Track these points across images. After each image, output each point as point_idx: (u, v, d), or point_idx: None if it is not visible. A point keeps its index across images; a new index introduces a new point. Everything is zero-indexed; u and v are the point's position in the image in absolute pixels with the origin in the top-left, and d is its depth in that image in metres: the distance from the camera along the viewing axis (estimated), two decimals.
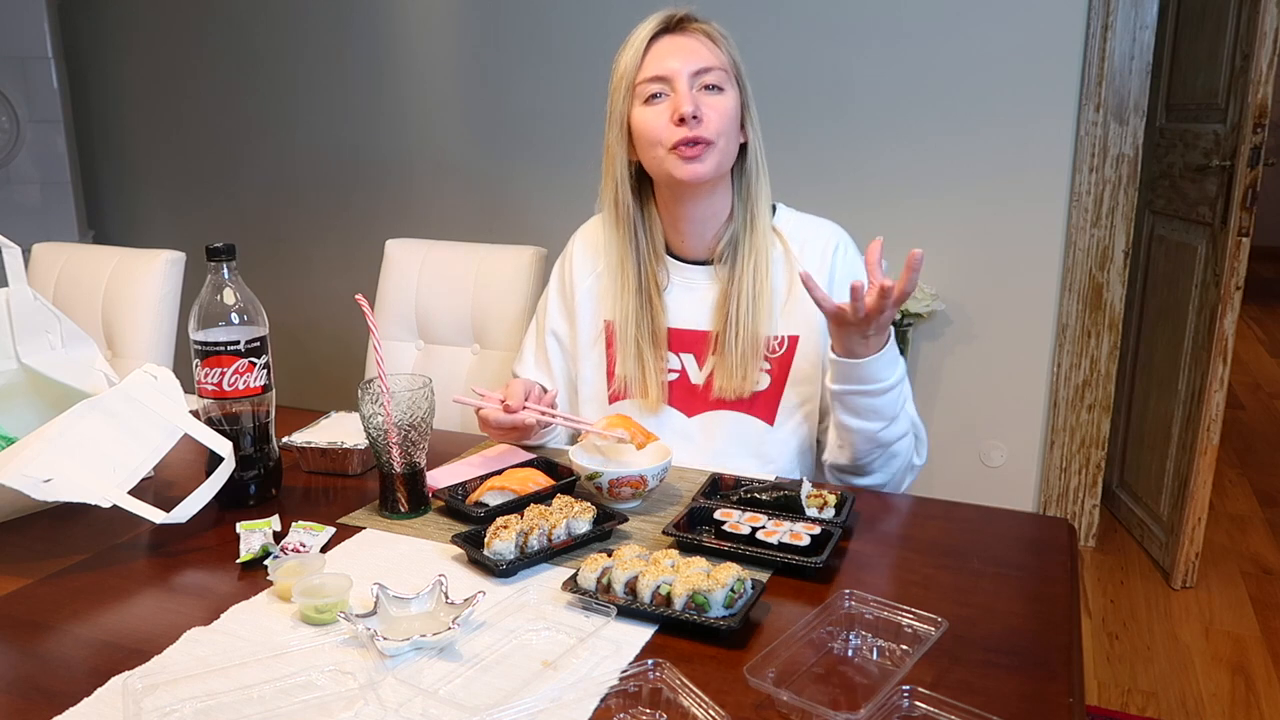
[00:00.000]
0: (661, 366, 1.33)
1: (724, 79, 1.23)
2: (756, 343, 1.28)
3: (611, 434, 1.16)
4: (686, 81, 1.21)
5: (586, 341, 1.39)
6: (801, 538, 0.97)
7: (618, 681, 0.74)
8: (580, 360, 1.39)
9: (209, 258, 1.09)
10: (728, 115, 1.22)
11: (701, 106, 1.20)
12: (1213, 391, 2.36)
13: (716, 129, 1.22)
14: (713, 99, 1.22)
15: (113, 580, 0.95)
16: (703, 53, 1.23)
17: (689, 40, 1.24)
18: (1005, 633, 0.85)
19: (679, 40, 1.24)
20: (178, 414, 1.08)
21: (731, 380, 1.29)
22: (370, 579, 0.87)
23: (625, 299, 1.32)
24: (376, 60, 3.07)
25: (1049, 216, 2.49)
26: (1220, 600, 2.47)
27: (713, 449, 1.31)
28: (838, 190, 2.63)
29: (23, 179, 3.23)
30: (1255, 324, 5.58)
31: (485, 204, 3.04)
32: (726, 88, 1.23)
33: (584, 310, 1.39)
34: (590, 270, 1.39)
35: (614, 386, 1.35)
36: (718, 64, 1.23)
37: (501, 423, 1.22)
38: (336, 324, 3.29)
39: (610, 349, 1.36)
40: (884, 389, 1.17)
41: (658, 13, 1.25)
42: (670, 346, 1.33)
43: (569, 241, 1.45)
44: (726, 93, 1.23)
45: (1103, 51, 2.35)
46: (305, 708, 0.73)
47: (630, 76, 1.24)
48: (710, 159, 1.22)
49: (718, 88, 1.23)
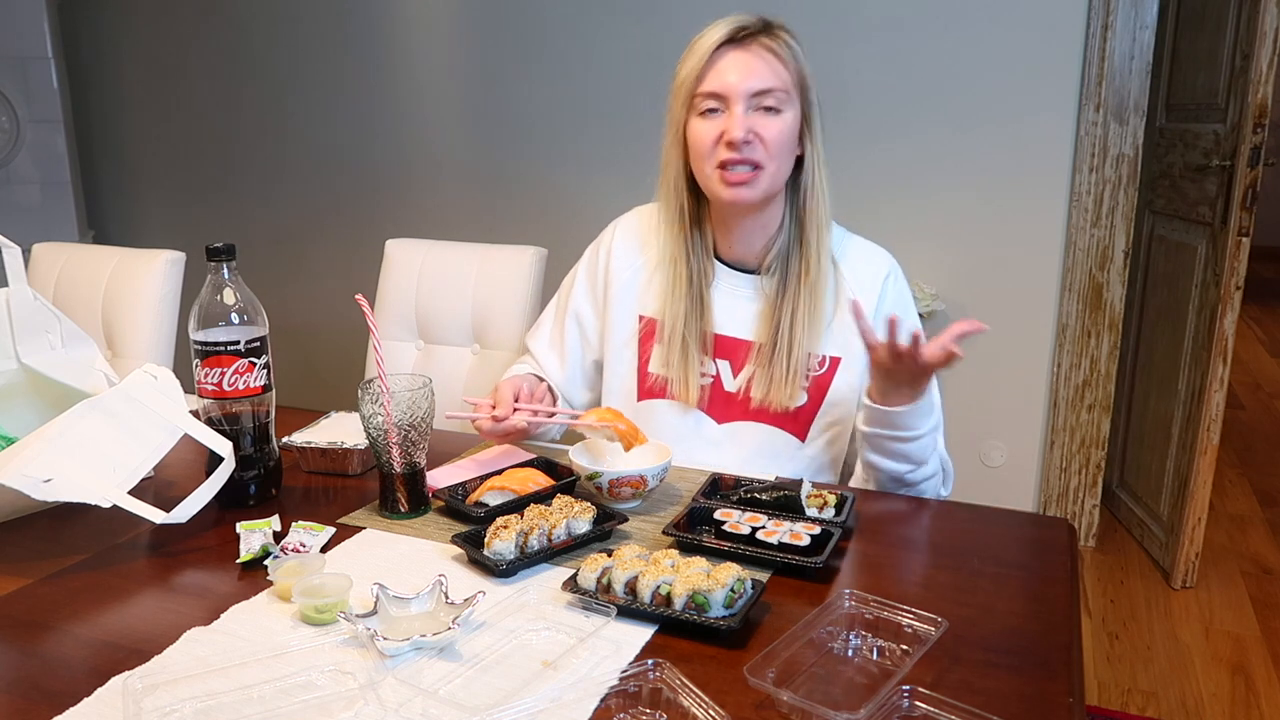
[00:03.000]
0: (704, 369, 1.31)
1: (784, 99, 1.20)
2: (802, 362, 1.26)
3: (601, 428, 1.15)
4: (743, 103, 1.18)
5: (620, 336, 1.37)
6: (801, 538, 0.97)
7: (618, 681, 0.74)
8: (610, 354, 1.37)
9: (209, 258, 1.09)
10: (780, 138, 1.20)
11: (755, 128, 1.18)
12: (1213, 391, 2.36)
13: (765, 153, 1.19)
14: (767, 121, 1.19)
15: (113, 580, 0.95)
16: (763, 72, 1.19)
17: (751, 58, 1.19)
18: (1005, 633, 0.85)
19: (742, 57, 1.20)
20: (178, 414, 1.08)
21: (778, 394, 1.26)
22: (370, 579, 0.87)
23: (677, 298, 1.30)
24: (376, 60, 3.07)
25: (1049, 216, 2.49)
26: (1220, 600, 2.47)
27: (740, 457, 1.30)
28: (838, 190, 2.62)
29: (23, 179, 3.23)
30: (1255, 324, 5.57)
31: (485, 204, 3.04)
32: (785, 108, 1.20)
33: (620, 303, 1.37)
34: (630, 263, 1.37)
35: (648, 383, 1.34)
36: (778, 84, 1.19)
37: (495, 431, 1.22)
38: (336, 324, 3.29)
39: (645, 345, 1.34)
40: (914, 437, 1.16)
41: (726, 21, 1.20)
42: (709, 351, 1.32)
43: (609, 229, 1.42)
44: (784, 114, 1.20)
45: (1103, 51, 2.35)
46: (305, 708, 0.73)
47: (690, 86, 1.21)
48: (759, 185, 1.20)
49: (775, 109, 1.19)
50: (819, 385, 1.29)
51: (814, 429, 1.30)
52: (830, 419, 1.30)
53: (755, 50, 1.20)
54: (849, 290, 1.28)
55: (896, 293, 1.31)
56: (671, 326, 1.30)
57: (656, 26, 2.71)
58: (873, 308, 1.28)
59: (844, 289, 1.29)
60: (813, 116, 1.24)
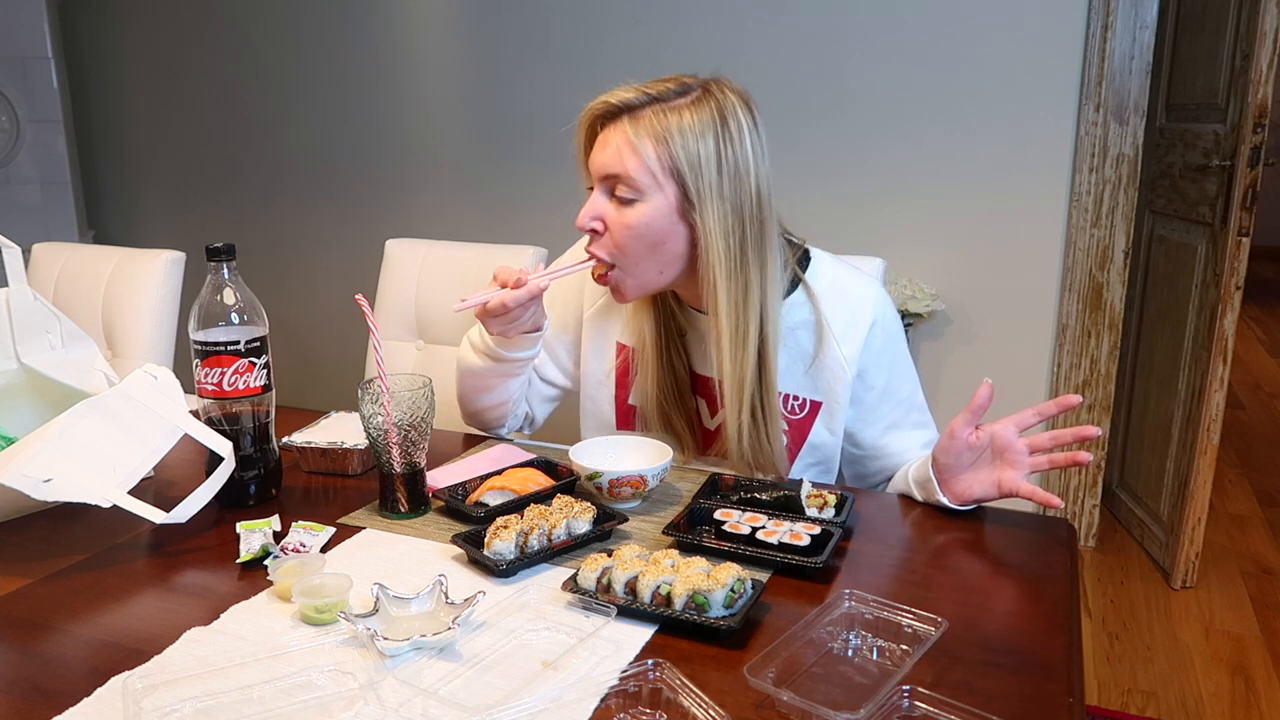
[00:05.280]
0: (689, 408, 1.28)
1: (640, 187, 1.09)
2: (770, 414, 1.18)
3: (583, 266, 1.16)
4: (601, 189, 1.13)
5: (599, 368, 1.32)
6: (801, 538, 0.97)
7: (618, 681, 0.74)
8: (587, 384, 1.34)
9: (209, 258, 1.09)
10: (631, 231, 1.11)
11: (606, 218, 1.13)
12: (1213, 391, 2.36)
13: (611, 247, 1.13)
14: (619, 211, 1.12)
15: (113, 580, 0.95)
16: (615, 157, 1.10)
17: (611, 137, 1.11)
18: (1005, 633, 0.85)
19: (604, 136, 1.12)
20: (178, 414, 1.08)
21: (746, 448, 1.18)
22: (370, 579, 0.87)
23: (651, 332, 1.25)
24: (377, 60, 3.07)
25: (1049, 216, 2.49)
26: (1220, 600, 2.47)
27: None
28: (838, 190, 2.63)
29: (23, 179, 3.23)
30: (1255, 324, 5.57)
31: (485, 204, 3.04)
32: (643, 197, 1.10)
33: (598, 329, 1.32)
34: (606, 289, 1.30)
35: (628, 414, 1.31)
36: (625, 170, 1.09)
37: (519, 300, 1.13)
38: (336, 324, 3.29)
39: (624, 377, 1.31)
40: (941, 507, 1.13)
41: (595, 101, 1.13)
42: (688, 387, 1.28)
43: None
44: (637, 204, 1.10)
45: (1103, 51, 2.35)
46: (305, 708, 0.73)
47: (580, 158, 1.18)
48: (623, 288, 1.15)
49: (627, 200, 1.11)
50: (798, 429, 1.25)
51: (795, 469, 1.27)
52: (811, 460, 1.27)
53: (613, 130, 1.11)
54: (833, 338, 1.20)
55: (884, 340, 1.22)
56: (646, 359, 1.26)
57: (657, 27, 2.71)
58: (855, 359, 1.21)
59: (827, 336, 1.20)
60: (703, 193, 1.09)
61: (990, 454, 1.09)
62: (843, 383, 1.22)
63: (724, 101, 1.10)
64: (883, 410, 1.25)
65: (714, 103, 1.09)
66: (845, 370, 1.21)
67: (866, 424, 1.26)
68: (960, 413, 1.08)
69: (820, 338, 1.21)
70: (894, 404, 1.26)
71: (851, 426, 1.26)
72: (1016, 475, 1.07)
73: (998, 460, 1.09)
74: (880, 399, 1.25)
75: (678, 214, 1.11)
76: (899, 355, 1.26)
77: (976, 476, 1.09)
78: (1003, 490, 1.07)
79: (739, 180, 1.10)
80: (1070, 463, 1.08)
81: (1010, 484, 1.07)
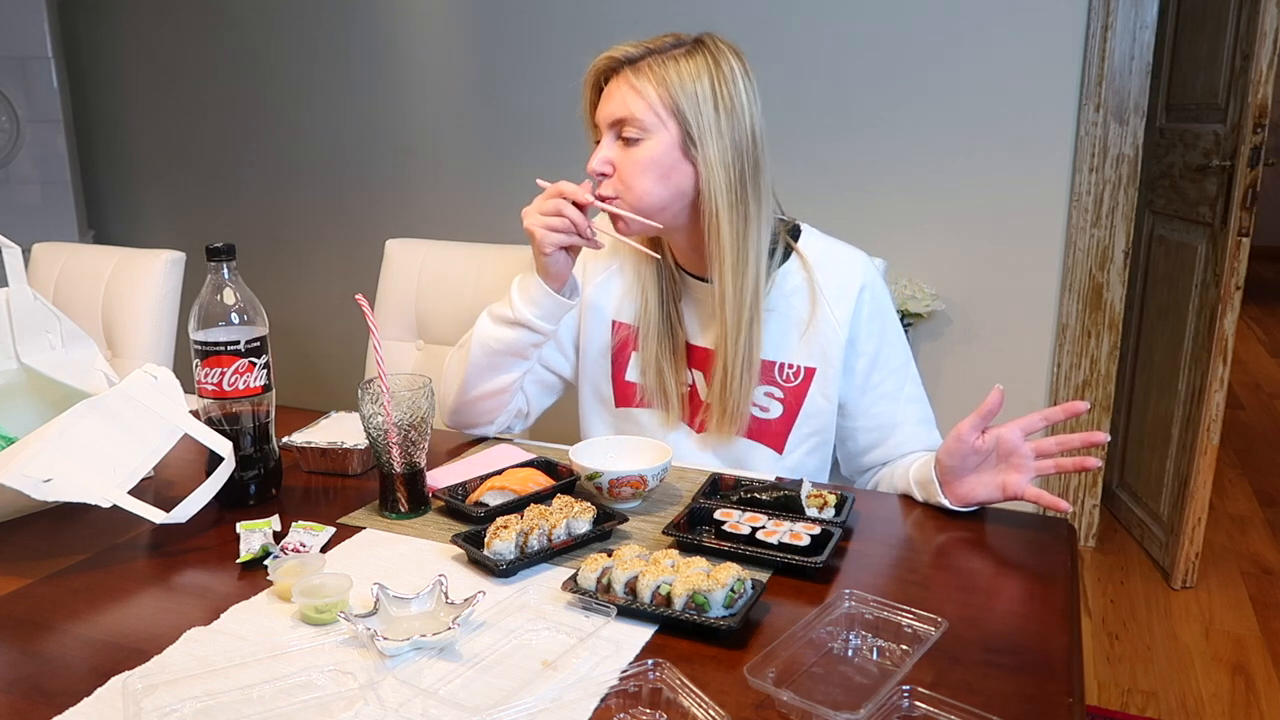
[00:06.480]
0: (682, 380, 1.31)
1: (645, 126, 1.18)
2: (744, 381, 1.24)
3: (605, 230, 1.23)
4: (609, 136, 1.21)
5: (596, 345, 1.36)
6: (801, 538, 0.97)
7: (618, 681, 0.74)
8: (585, 363, 1.37)
9: (209, 258, 1.09)
10: (638, 166, 1.18)
11: (615, 160, 1.20)
12: (1213, 391, 2.36)
13: (619, 184, 1.21)
14: (626, 151, 1.20)
15: (113, 580, 0.95)
16: (620, 103, 1.19)
17: (615, 88, 1.21)
18: (1005, 633, 0.85)
19: (609, 89, 1.22)
20: (178, 414, 1.08)
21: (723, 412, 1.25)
22: (370, 579, 0.87)
23: (650, 307, 1.30)
24: (377, 60, 3.07)
25: (1049, 216, 2.49)
26: (1220, 600, 2.47)
27: (718, 469, 1.28)
28: (837, 190, 2.63)
29: (23, 179, 3.23)
30: (1255, 324, 5.58)
31: (485, 204, 3.04)
32: (648, 135, 1.18)
33: (594, 309, 1.36)
34: (606, 265, 1.37)
35: (626, 391, 1.33)
36: (630, 112, 1.18)
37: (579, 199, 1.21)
38: (336, 324, 3.29)
39: (621, 353, 1.34)
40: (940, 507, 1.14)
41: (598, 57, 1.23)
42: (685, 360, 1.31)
43: None
44: (643, 142, 1.18)
45: (1103, 51, 2.35)
46: (305, 708, 0.73)
47: (586, 117, 1.27)
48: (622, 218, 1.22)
49: (633, 140, 1.19)
50: (794, 396, 1.27)
51: (791, 441, 1.28)
52: (808, 430, 1.29)
53: (616, 81, 1.21)
54: (825, 301, 1.25)
55: (873, 307, 1.27)
56: (645, 335, 1.30)
57: (657, 27, 2.71)
58: (847, 322, 1.25)
59: (819, 299, 1.25)
60: (703, 131, 1.17)
61: (995, 458, 1.10)
62: (836, 345, 1.25)
63: (716, 50, 1.20)
64: (874, 379, 1.27)
65: (707, 51, 1.20)
66: (838, 333, 1.25)
67: (859, 392, 1.28)
68: (968, 416, 1.09)
69: (814, 301, 1.26)
70: (886, 373, 1.28)
71: (844, 396, 1.28)
72: (1022, 479, 1.08)
73: (1002, 464, 1.09)
74: (871, 366, 1.27)
75: (680, 151, 1.19)
76: (889, 324, 1.29)
77: (980, 479, 1.09)
78: (1008, 494, 1.08)
79: (735, 118, 1.18)
80: (1078, 467, 1.08)
81: (1015, 488, 1.08)
